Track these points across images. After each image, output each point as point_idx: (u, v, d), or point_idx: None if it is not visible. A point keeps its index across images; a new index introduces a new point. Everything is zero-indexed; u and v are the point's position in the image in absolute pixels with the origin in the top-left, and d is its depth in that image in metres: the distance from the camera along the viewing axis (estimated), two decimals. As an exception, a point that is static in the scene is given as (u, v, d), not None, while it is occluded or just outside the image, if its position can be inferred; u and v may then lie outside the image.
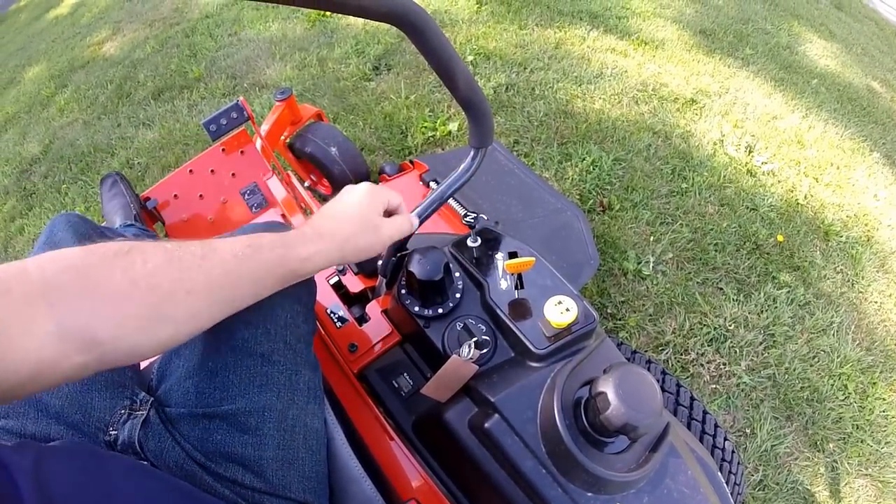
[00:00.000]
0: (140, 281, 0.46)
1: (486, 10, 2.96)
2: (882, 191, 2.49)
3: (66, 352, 0.42)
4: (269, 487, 0.57)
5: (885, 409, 1.71)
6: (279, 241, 0.56)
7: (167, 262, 0.48)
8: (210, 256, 0.51)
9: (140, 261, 0.47)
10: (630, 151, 2.22)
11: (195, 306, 0.50)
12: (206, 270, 0.50)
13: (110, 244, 0.48)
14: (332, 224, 0.61)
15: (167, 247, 0.50)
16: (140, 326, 0.47)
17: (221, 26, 3.15)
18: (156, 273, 0.47)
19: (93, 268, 0.45)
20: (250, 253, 0.53)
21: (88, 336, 0.44)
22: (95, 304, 0.44)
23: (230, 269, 0.52)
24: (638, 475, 0.57)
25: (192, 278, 0.49)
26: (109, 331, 0.45)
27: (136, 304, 0.46)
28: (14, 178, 2.57)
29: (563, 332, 0.64)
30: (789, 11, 3.86)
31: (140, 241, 0.49)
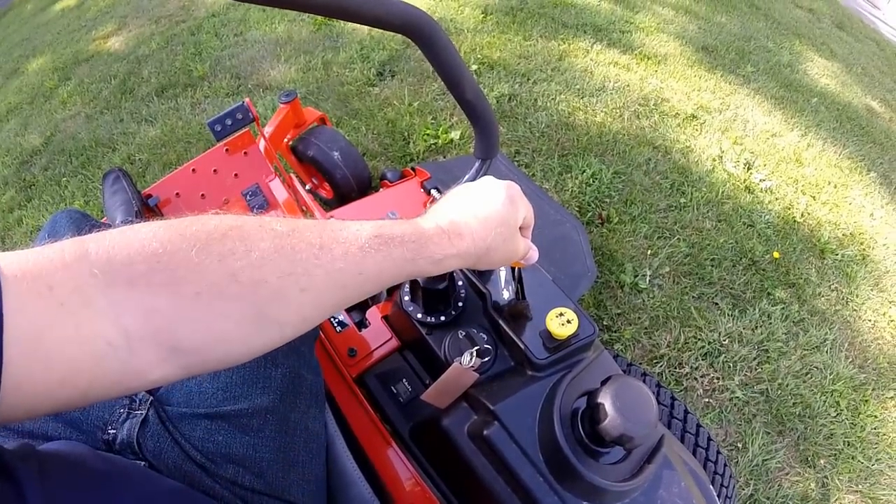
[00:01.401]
0: (241, 274, 0.37)
1: (491, 20, 2.99)
2: (878, 210, 2.51)
3: (136, 365, 0.34)
4: (268, 489, 0.58)
5: (877, 426, 1.73)
6: (413, 234, 0.47)
7: (277, 252, 0.38)
8: (331, 247, 0.41)
9: (242, 248, 0.37)
10: (630, 165, 2.24)
11: (308, 305, 0.41)
12: (325, 264, 0.41)
13: (202, 220, 0.38)
14: (475, 225, 0.52)
15: (276, 229, 0.40)
16: (238, 329, 0.38)
17: (227, 26, 3.16)
18: (262, 265, 0.38)
19: (177, 254, 0.35)
20: (378, 245, 0.44)
21: (169, 344, 0.35)
22: (181, 303, 0.35)
23: (354, 264, 0.42)
24: (632, 485, 0.58)
25: (307, 272, 0.40)
26: (198, 337, 0.36)
27: (234, 302, 0.37)
28: (14, 169, 2.57)
29: (564, 344, 0.65)
30: (791, 30, 3.91)
31: (240, 219, 0.40)
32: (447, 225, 0.50)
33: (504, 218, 0.54)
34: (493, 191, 0.55)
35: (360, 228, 0.44)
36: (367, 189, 1.78)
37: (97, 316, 0.32)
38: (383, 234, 0.45)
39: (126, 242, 0.34)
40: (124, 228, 0.36)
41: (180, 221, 0.37)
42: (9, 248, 1.26)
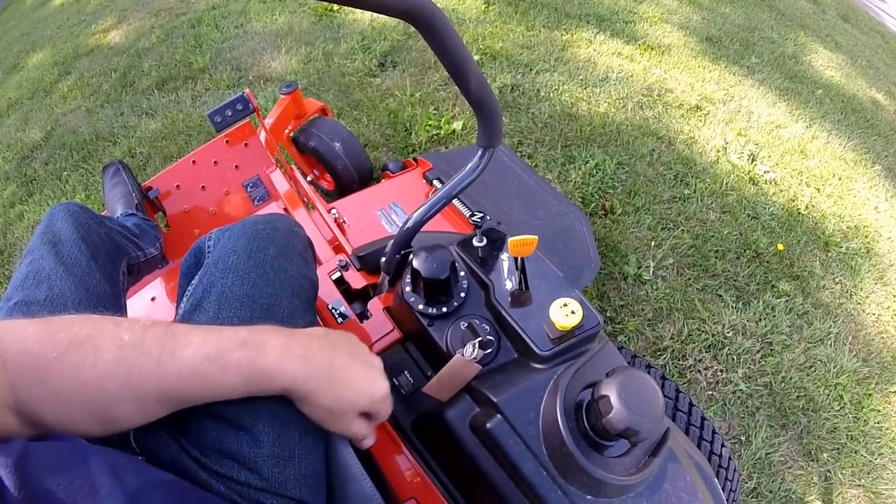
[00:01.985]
0: (88, 382, 0.45)
1: (493, 10, 2.96)
2: (883, 203, 2.49)
3: (19, 424, 0.44)
4: (265, 485, 0.57)
5: (880, 420, 1.72)
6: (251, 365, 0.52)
7: (117, 364, 0.46)
8: (166, 364, 0.48)
9: (91, 359, 0.46)
10: (633, 156, 2.22)
11: (145, 409, 0.49)
12: (157, 380, 0.48)
13: (71, 325, 0.47)
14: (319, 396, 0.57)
15: (124, 339, 0.47)
16: (88, 422, 0.47)
17: (227, 18, 3.14)
18: (104, 375, 0.46)
19: (45, 357, 0.44)
20: (212, 372, 0.50)
21: (39, 419, 0.45)
22: (46, 395, 0.44)
23: (185, 384, 0.49)
24: (637, 479, 0.57)
25: (141, 385, 0.47)
26: (57, 420, 0.45)
27: (82, 403, 0.46)
28: (15, 164, 2.56)
29: (568, 335, 0.64)
30: (796, 21, 3.87)
31: (99, 325, 0.48)
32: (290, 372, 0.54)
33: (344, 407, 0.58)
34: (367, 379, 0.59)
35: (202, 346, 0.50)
36: (369, 180, 1.77)
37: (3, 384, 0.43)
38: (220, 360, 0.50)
39: (17, 337, 0.45)
40: (23, 322, 0.46)
41: (58, 323, 0.47)
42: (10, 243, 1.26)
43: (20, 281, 0.76)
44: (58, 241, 0.81)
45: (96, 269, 0.83)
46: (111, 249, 0.97)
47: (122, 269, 1.00)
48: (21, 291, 0.74)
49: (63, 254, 0.80)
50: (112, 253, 0.97)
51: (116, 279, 0.93)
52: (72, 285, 0.76)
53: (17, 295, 0.73)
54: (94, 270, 0.82)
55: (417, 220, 0.76)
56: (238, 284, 0.64)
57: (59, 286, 0.75)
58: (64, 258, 0.79)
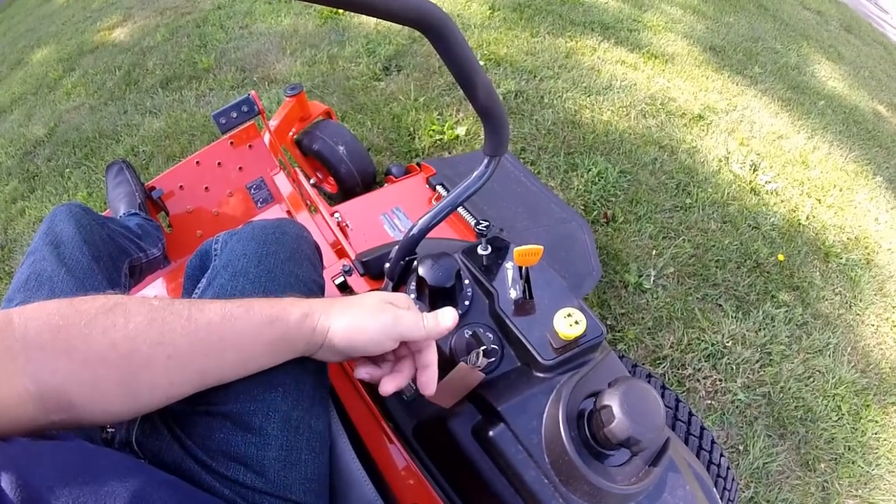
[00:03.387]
0: (119, 343, 0.45)
1: (498, 17, 2.97)
2: (883, 214, 2.50)
3: (43, 410, 0.43)
4: (269, 488, 0.57)
5: (878, 431, 1.72)
6: (271, 304, 0.54)
7: (149, 324, 0.46)
8: (196, 317, 0.49)
9: (122, 321, 0.45)
10: (636, 164, 2.23)
11: (174, 371, 0.48)
12: (189, 333, 0.48)
13: (96, 299, 0.46)
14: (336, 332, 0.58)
15: (153, 304, 0.48)
16: (115, 391, 0.46)
17: (233, 18, 3.15)
18: (136, 335, 0.45)
19: (73, 327, 0.44)
20: (240, 314, 0.51)
21: (64, 398, 0.43)
22: (74, 367, 0.43)
23: (215, 331, 0.50)
24: (637, 488, 0.57)
25: (173, 342, 0.47)
26: (84, 394, 0.44)
27: (112, 368, 0.45)
28: (17, 160, 2.57)
29: (571, 345, 0.64)
30: (799, 32, 3.89)
31: (126, 297, 0.48)
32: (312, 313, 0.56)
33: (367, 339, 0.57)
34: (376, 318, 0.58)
35: (227, 303, 0.51)
36: (372, 184, 1.77)
37: (20, 371, 0.41)
38: (247, 303, 0.52)
39: (37, 315, 0.44)
40: (39, 303, 0.45)
41: (81, 298, 0.46)
42: (11, 239, 1.26)
43: (22, 282, 0.76)
44: (59, 243, 0.81)
45: (98, 271, 0.83)
46: (113, 251, 0.97)
47: (124, 270, 1.00)
48: (23, 293, 0.74)
49: (65, 255, 0.80)
50: (114, 254, 0.97)
51: (118, 281, 0.94)
52: (73, 287, 0.76)
53: (19, 296, 0.74)
54: (95, 272, 0.82)
55: (423, 226, 0.76)
56: (249, 288, 0.65)
57: (61, 288, 0.75)
58: (65, 260, 0.79)
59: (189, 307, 0.49)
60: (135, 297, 0.48)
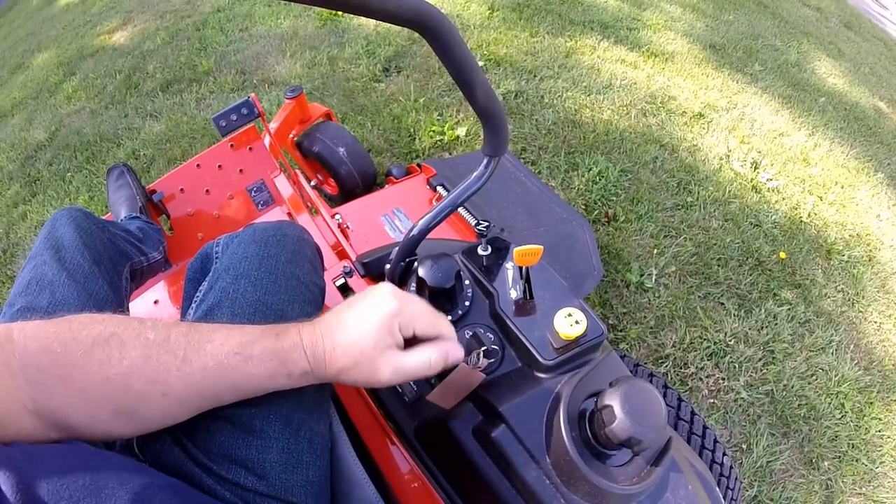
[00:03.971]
0: (114, 379, 0.45)
1: (497, 17, 2.97)
2: (885, 211, 2.50)
3: (41, 427, 0.44)
4: (271, 490, 0.57)
5: (881, 428, 1.72)
6: (273, 352, 0.52)
7: (144, 361, 0.47)
8: (191, 360, 0.48)
9: (117, 355, 0.46)
10: (637, 163, 2.23)
11: (170, 408, 0.49)
12: (184, 376, 0.48)
13: (94, 324, 0.47)
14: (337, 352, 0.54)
15: (150, 338, 0.48)
16: (112, 420, 0.47)
17: (233, 21, 3.16)
18: (130, 372, 0.46)
19: (70, 356, 0.44)
20: (237, 363, 0.50)
21: (62, 420, 0.44)
22: (70, 393, 0.44)
23: (211, 378, 0.49)
24: (639, 488, 0.57)
25: (167, 382, 0.47)
26: (82, 419, 0.45)
27: (108, 400, 0.46)
28: (19, 164, 2.57)
29: (572, 345, 0.64)
30: (799, 29, 3.88)
31: (122, 324, 0.48)
32: (310, 348, 0.54)
33: (366, 347, 0.53)
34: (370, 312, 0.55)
35: (226, 342, 0.50)
36: (373, 185, 1.77)
37: (19, 387, 0.42)
38: (244, 351, 0.50)
39: (37, 337, 0.44)
40: (39, 323, 0.45)
41: (79, 322, 0.47)
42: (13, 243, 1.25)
43: (23, 286, 0.76)
44: (60, 247, 0.81)
45: (99, 275, 0.83)
46: (114, 255, 0.97)
47: (125, 274, 1.00)
48: (24, 297, 0.74)
49: (65, 259, 0.80)
50: (115, 258, 0.97)
51: (119, 284, 0.94)
52: (74, 291, 0.76)
53: (20, 301, 0.74)
54: (96, 276, 0.82)
55: (423, 227, 0.76)
56: (251, 291, 0.65)
57: (62, 292, 0.75)
58: (66, 264, 0.79)
59: (185, 345, 0.49)
60: (132, 325, 0.48)
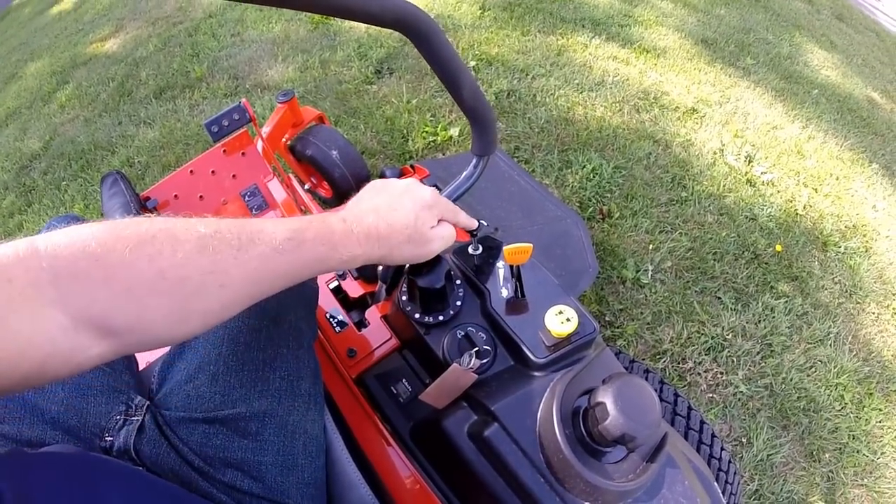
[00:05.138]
0: (168, 272, 0.42)
1: (488, 16, 2.97)
2: (881, 202, 2.50)
3: (80, 343, 0.39)
4: (267, 493, 0.57)
5: (882, 419, 1.72)
6: (325, 236, 0.52)
7: (199, 252, 0.43)
8: (248, 248, 0.46)
9: (169, 249, 0.42)
10: (630, 159, 2.23)
11: (227, 299, 0.46)
12: (242, 263, 0.46)
13: (136, 223, 0.43)
14: (382, 227, 0.56)
15: (201, 231, 0.45)
16: (165, 319, 0.43)
17: (224, 26, 3.15)
18: (186, 264, 0.42)
19: (114, 254, 0.40)
20: (292, 247, 0.49)
21: (106, 326, 0.40)
22: (116, 296, 0.40)
23: (268, 264, 0.48)
24: (635, 485, 0.57)
25: (226, 271, 0.45)
26: (131, 323, 0.41)
27: (162, 297, 0.42)
28: (14, 174, 2.57)
29: (564, 342, 0.64)
30: (791, 22, 3.88)
31: (169, 221, 0.45)
32: (357, 226, 0.55)
33: (416, 222, 0.58)
34: (410, 194, 0.59)
35: (276, 230, 0.49)
36: (366, 188, 1.76)
37: (49, 303, 0.38)
38: (297, 236, 0.50)
39: (70, 242, 0.39)
40: (69, 229, 0.41)
41: (118, 223, 0.42)
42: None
43: None
44: None
45: None
46: None
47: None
48: None
49: None
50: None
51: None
52: None
53: None
54: None
55: (414, 228, 0.76)
56: None
57: None
58: None
59: (238, 234, 0.46)
60: (178, 221, 0.45)
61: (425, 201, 0.59)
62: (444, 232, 0.62)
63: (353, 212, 0.57)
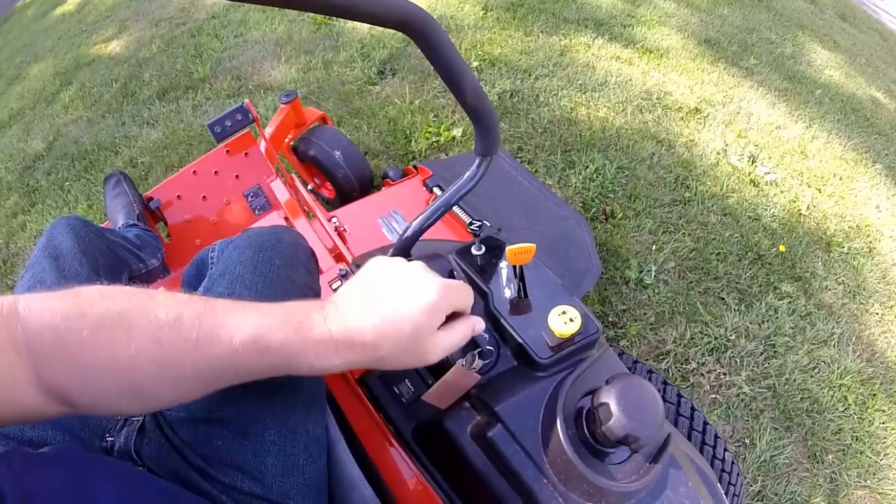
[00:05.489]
0: (122, 360, 0.43)
1: (491, 17, 2.97)
2: (884, 202, 2.49)
3: (48, 402, 0.42)
4: (268, 494, 0.57)
5: (885, 420, 1.71)
6: (294, 344, 0.47)
7: (154, 344, 0.43)
8: (204, 347, 0.45)
9: (124, 338, 0.43)
10: (633, 160, 2.23)
11: (182, 390, 0.46)
12: (195, 362, 0.45)
13: (102, 300, 0.44)
14: (369, 333, 0.49)
15: (160, 318, 0.44)
16: (121, 398, 0.45)
17: (227, 27, 3.16)
18: (139, 356, 0.43)
19: (74, 333, 0.42)
20: (253, 352, 0.46)
21: (66, 397, 0.43)
22: (75, 373, 0.42)
23: (224, 365, 0.46)
24: (638, 486, 0.57)
25: (179, 365, 0.44)
26: (88, 397, 0.43)
27: (115, 380, 0.43)
28: (17, 175, 2.58)
29: (567, 342, 0.64)
30: (794, 22, 3.87)
31: (132, 301, 0.45)
32: (338, 327, 0.48)
33: (406, 331, 0.49)
34: (407, 294, 0.51)
35: (241, 327, 0.46)
36: (369, 188, 1.77)
37: (24, 363, 0.41)
38: (260, 340, 0.46)
39: (42, 310, 0.42)
40: (46, 295, 0.43)
41: (89, 297, 0.44)
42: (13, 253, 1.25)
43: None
44: (59, 255, 0.81)
45: (97, 283, 0.83)
46: (112, 262, 0.97)
47: (123, 281, 1.00)
48: None
49: (64, 268, 0.80)
50: (113, 266, 0.97)
51: (118, 292, 0.94)
52: None
53: None
54: (95, 284, 0.82)
55: (416, 229, 0.76)
56: (246, 295, 0.65)
57: None
58: (65, 272, 0.79)
59: (198, 328, 0.45)
60: (141, 302, 0.45)
61: (430, 303, 0.50)
62: (447, 341, 0.53)
63: (338, 307, 0.51)
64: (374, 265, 0.55)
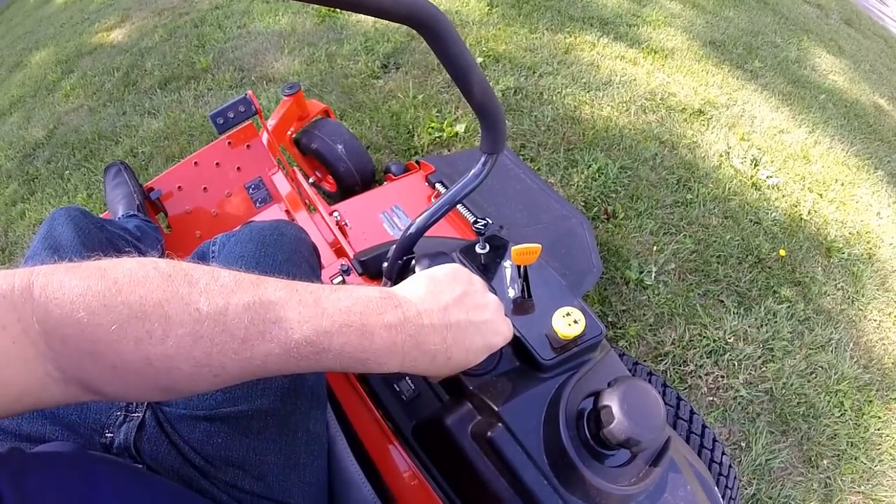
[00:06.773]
0: (155, 360, 0.37)
1: (496, 13, 2.96)
2: (885, 209, 2.49)
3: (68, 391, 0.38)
4: (268, 492, 0.57)
5: (880, 427, 1.72)
6: (358, 347, 0.43)
7: (194, 341, 0.38)
8: (253, 343, 0.40)
9: (160, 332, 0.37)
10: (636, 160, 2.22)
11: (219, 383, 0.41)
12: (242, 360, 0.40)
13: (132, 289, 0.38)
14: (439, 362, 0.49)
15: (202, 310, 0.38)
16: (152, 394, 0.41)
17: (231, 18, 3.14)
18: (177, 354, 0.38)
19: (100, 328, 0.36)
20: (308, 354, 0.41)
21: (94, 389, 0.39)
22: (102, 370, 0.37)
23: (274, 364, 0.41)
24: (638, 489, 0.56)
25: (222, 365, 0.39)
26: (114, 392, 0.39)
27: (146, 381, 0.39)
28: (17, 162, 2.57)
29: (570, 344, 0.64)
30: (799, 26, 3.87)
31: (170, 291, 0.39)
32: (410, 347, 0.46)
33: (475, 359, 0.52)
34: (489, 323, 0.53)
35: (298, 324, 0.41)
36: (371, 182, 1.76)
37: (41, 355, 0.36)
38: (320, 341, 0.42)
39: (61, 298, 0.36)
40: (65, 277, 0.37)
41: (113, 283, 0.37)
42: (12, 242, 1.25)
43: None
44: (59, 246, 0.81)
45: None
46: (112, 254, 0.97)
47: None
48: None
49: (63, 259, 0.79)
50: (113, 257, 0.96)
51: (118, 284, 0.93)
52: None
53: None
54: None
55: (420, 225, 0.76)
56: None
57: None
58: None
59: (247, 323, 0.39)
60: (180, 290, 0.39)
61: (494, 347, 0.54)
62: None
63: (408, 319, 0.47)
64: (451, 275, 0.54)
